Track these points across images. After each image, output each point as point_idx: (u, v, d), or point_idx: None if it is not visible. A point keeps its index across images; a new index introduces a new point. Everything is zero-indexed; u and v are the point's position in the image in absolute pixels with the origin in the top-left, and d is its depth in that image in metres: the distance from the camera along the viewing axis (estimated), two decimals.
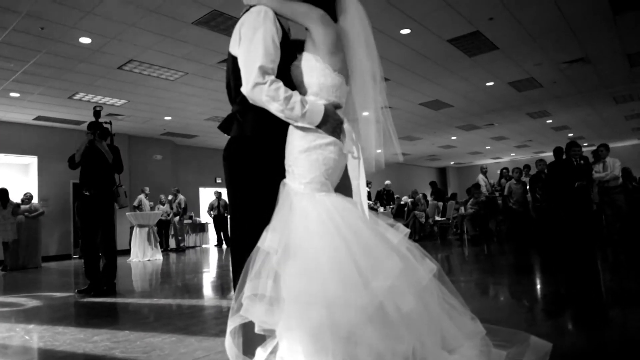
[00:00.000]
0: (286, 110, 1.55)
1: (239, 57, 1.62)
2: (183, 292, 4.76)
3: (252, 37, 1.58)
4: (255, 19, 1.60)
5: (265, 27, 1.58)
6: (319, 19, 1.62)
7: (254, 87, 1.53)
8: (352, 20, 1.76)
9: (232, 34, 1.72)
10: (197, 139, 13.73)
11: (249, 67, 1.55)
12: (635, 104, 12.38)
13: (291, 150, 1.65)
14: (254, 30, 1.59)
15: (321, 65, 1.64)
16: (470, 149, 19.68)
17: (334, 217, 1.54)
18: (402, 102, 10.88)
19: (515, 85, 10.02)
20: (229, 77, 1.76)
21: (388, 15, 6.26)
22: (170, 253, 11.31)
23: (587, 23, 6.84)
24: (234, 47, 1.67)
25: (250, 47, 1.57)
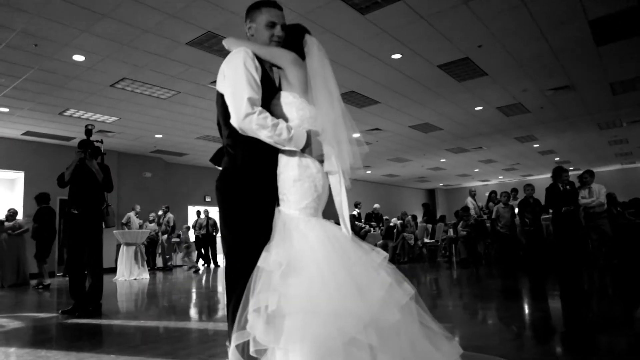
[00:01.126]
0: (274, 136, 1.70)
1: (226, 92, 1.76)
2: (170, 313, 4.69)
3: (235, 72, 1.74)
4: (237, 58, 1.78)
5: (247, 64, 1.74)
6: (292, 61, 1.86)
7: (244, 118, 1.66)
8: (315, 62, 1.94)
9: (218, 74, 1.86)
10: (187, 157, 13.70)
11: (238, 100, 1.68)
12: (618, 130, 12.67)
13: (285, 180, 1.81)
14: (236, 67, 1.75)
15: (298, 100, 1.85)
16: (459, 172, 19.89)
17: (330, 238, 1.72)
18: (393, 125, 11.02)
19: (504, 110, 10.21)
20: (218, 115, 1.88)
21: (380, 41, 6.39)
22: (157, 272, 11.16)
23: (571, 53, 7.04)
24: (220, 84, 1.82)
25: (235, 81, 1.72)
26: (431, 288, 6.29)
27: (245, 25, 2.01)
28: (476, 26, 6.05)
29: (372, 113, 9.96)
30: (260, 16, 1.91)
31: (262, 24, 1.91)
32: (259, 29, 1.92)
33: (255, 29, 1.93)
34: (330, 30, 6.01)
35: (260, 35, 1.92)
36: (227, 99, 1.76)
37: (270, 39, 1.91)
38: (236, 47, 1.88)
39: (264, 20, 1.90)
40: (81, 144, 5.01)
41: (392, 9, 5.51)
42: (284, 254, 1.63)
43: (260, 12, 1.92)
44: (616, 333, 3.11)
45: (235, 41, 1.94)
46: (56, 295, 6.95)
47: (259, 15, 1.92)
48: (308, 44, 1.99)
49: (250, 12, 1.96)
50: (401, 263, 9.80)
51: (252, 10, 1.96)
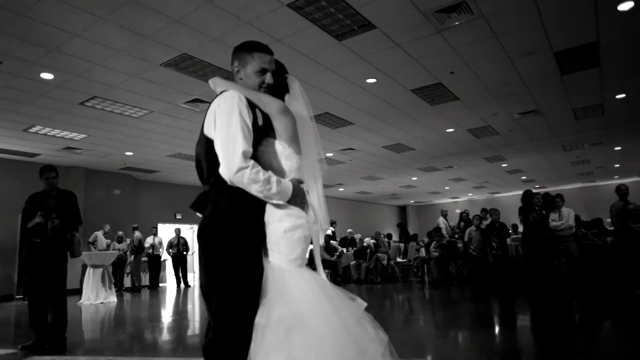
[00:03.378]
0: (265, 191, 1.67)
1: (217, 140, 1.69)
2: (139, 345, 4.53)
3: (229, 121, 1.68)
4: (231, 103, 1.71)
5: (240, 110, 1.69)
6: (280, 110, 1.83)
7: (237, 172, 1.61)
8: (300, 107, 2.00)
9: (206, 116, 1.79)
10: (158, 174, 13.43)
11: (231, 152, 1.63)
12: (580, 152, 13.21)
13: (274, 231, 1.76)
14: (229, 114, 1.69)
15: (287, 151, 1.84)
16: (430, 189, 20.23)
17: (323, 290, 1.70)
18: (366, 145, 11.14)
19: (474, 132, 10.49)
20: (199, 158, 1.81)
21: (355, 66, 6.48)
22: (124, 293, 10.80)
23: (538, 80, 7.33)
24: (209, 130, 1.74)
25: (229, 130, 1.66)
26: (404, 308, 6.32)
27: (232, 65, 1.96)
28: (449, 54, 6.22)
29: (346, 134, 10.05)
30: (252, 62, 1.87)
31: (252, 70, 1.87)
32: (249, 74, 1.87)
33: (244, 73, 1.88)
34: (305, 55, 6.05)
35: (250, 81, 1.88)
36: (217, 148, 1.68)
37: (260, 85, 1.88)
38: (223, 87, 1.85)
39: (256, 67, 1.86)
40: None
41: (367, 36, 5.60)
42: (285, 309, 1.59)
43: (251, 57, 1.87)
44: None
45: (222, 82, 1.90)
46: (14, 326, 6.59)
47: (250, 60, 1.87)
48: (292, 87, 2.00)
49: (240, 55, 1.91)
50: (374, 283, 9.81)
51: (242, 53, 1.90)
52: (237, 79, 1.91)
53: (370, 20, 5.26)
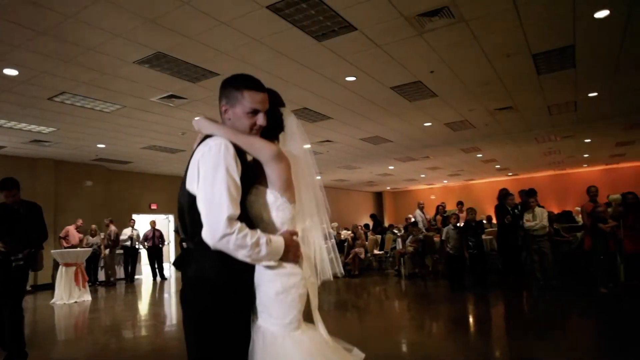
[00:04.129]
0: (253, 255, 1.51)
1: (200, 198, 1.52)
2: (115, 355, 4.44)
3: (213, 178, 1.50)
4: (216, 155, 1.52)
5: (227, 165, 1.51)
6: (274, 156, 1.62)
7: (221, 239, 1.46)
8: (297, 145, 1.81)
9: (189, 166, 1.61)
10: (132, 165, 13.10)
11: (215, 218, 1.46)
12: (553, 144, 13.54)
13: (266, 292, 1.61)
14: (214, 169, 1.51)
15: (280, 201, 1.65)
16: (406, 177, 20.43)
17: (320, 351, 1.58)
18: (344, 137, 11.11)
19: (451, 126, 10.58)
20: (182, 211, 1.64)
21: (335, 65, 6.39)
22: (99, 287, 10.60)
23: (516, 79, 7.41)
24: (192, 183, 1.56)
25: (213, 191, 1.49)
26: (382, 304, 6.42)
27: (220, 103, 1.73)
28: (429, 55, 6.20)
29: (324, 127, 9.98)
30: (242, 102, 1.64)
31: (242, 112, 1.64)
32: (239, 115, 1.65)
33: (233, 113, 1.65)
34: (284, 54, 5.93)
35: (239, 123, 1.65)
36: (200, 209, 1.51)
37: (251, 128, 1.66)
38: (208, 131, 1.64)
39: (246, 107, 1.64)
40: None
41: (348, 37, 5.52)
42: None
43: (241, 96, 1.64)
44: None
45: (208, 125, 1.66)
46: None
47: (240, 99, 1.64)
48: (287, 124, 1.80)
49: (228, 93, 1.67)
50: (352, 276, 9.91)
51: (230, 90, 1.67)
52: (225, 119, 1.68)
53: (351, 23, 5.17)
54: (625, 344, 3.99)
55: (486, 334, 4.87)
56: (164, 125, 8.87)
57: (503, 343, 4.47)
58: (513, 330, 4.93)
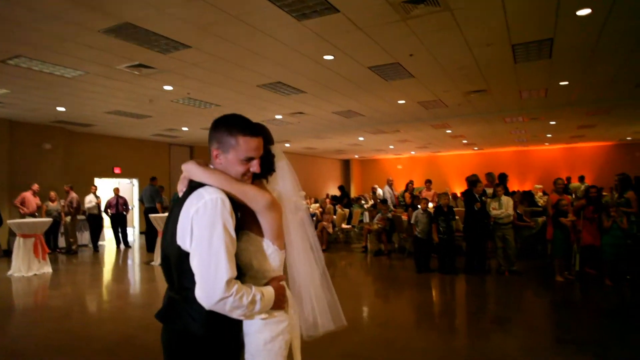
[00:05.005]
0: (247, 313, 1.48)
1: (195, 258, 1.45)
2: (81, 343, 4.34)
3: (210, 238, 1.43)
4: (212, 212, 1.45)
5: (224, 222, 1.45)
6: (267, 205, 1.57)
7: (218, 302, 1.41)
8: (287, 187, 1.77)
9: (179, 217, 1.50)
10: (94, 128, 12.50)
11: (212, 281, 1.40)
12: (520, 124, 13.87)
13: (253, 342, 1.59)
14: (211, 228, 1.43)
15: (271, 249, 1.63)
16: (375, 147, 20.55)
17: None
18: (317, 110, 10.95)
19: (424, 105, 10.60)
20: (168, 262, 1.56)
21: (313, 44, 6.17)
22: (59, 255, 10.29)
23: (492, 66, 7.42)
24: (184, 239, 1.48)
25: (210, 252, 1.42)
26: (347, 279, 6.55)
27: (210, 146, 1.63)
28: (411, 39, 6.08)
29: (297, 100, 9.78)
30: (236, 148, 1.56)
31: (236, 159, 1.57)
32: (232, 162, 1.57)
33: (225, 159, 1.58)
34: (261, 31, 5.66)
35: (232, 169, 1.58)
36: (195, 269, 1.45)
37: (245, 174, 1.60)
38: (200, 179, 1.55)
39: (240, 155, 1.56)
40: None
41: (329, 18, 5.31)
42: None
43: (235, 142, 1.55)
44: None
45: (199, 172, 1.57)
46: None
47: (233, 146, 1.56)
48: (278, 165, 1.74)
49: (221, 137, 1.58)
50: None
51: (223, 134, 1.57)
52: (216, 164, 1.61)
53: (334, 5, 4.96)
54: (575, 326, 4.27)
55: (447, 316, 5.07)
56: (130, 92, 8.43)
57: (463, 327, 4.66)
58: (474, 314, 5.16)
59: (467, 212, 6.95)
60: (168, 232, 1.56)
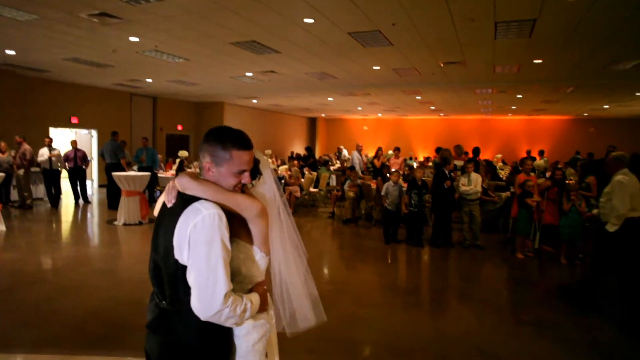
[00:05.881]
0: (239, 320, 1.57)
1: (193, 272, 1.48)
2: (46, 316, 4.20)
3: (208, 253, 1.47)
4: (210, 228, 1.49)
5: (221, 236, 1.50)
6: (258, 214, 1.64)
7: (215, 314, 1.47)
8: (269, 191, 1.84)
9: (174, 231, 1.52)
10: (50, 74, 11.63)
11: (210, 294, 1.46)
12: (489, 95, 14.07)
13: (243, 345, 1.67)
14: (209, 243, 1.48)
15: (259, 255, 1.70)
16: (343, 108, 20.40)
17: None
18: (289, 70, 10.62)
19: (398, 72, 10.49)
20: (159, 274, 1.60)
21: (295, 6, 5.87)
22: (12, 210, 9.78)
23: (472, 40, 7.37)
24: (180, 253, 1.50)
25: (208, 266, 1.47)
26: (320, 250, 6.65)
27: (202, 158, 1.64)
28: (395, 8, 5.90)
29: (271, 60, 9.42)
30: (229, 162, 1.59)
31: (229, 172, 1.60)
32: (225, 175, 1.61)
33: (217, 172, 1.61)
34: None
35: (224, 182, 1.62)
36: (192, 283, 1.48)
37: (236, 186, 1.64)
38: (196, 192, 1.56)
39: (233, 168, 1.60)
40: None
41: None
42: None
43: (229, 156, 1.59)
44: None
45: (193, 185, 1.58)
46: None
47: (227, 160, 1.59)
48: (264, 173, 1.79)
49: (214, 151, 1.60)
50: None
51: (216, 148, 1.60)
52: (208, 176, 1.63)
53: None
54: (535, 306, 4.56)
55: (416, 294, 5.26)
56: (91, 40, 7.83)
57: (426, 297, 4.87)
58: (443, 291, 5.38)
59: (436, 188, 7.05)
60: (160, 244, 1.58)
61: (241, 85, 13.36)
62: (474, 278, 6.00)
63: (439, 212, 7.07)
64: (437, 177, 7.09)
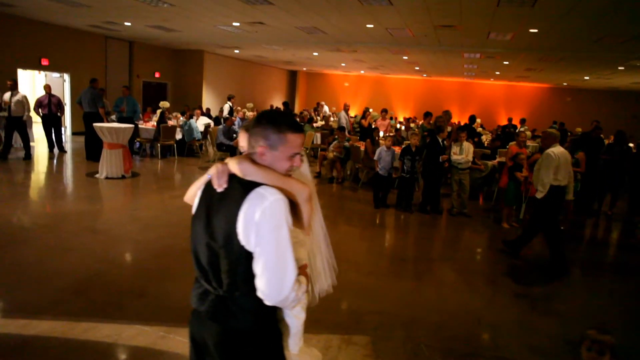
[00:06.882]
0: (298, 302, 1.59)
1: (260, 259, 1.47)
2: (40, 279, 4.07)
3: (277, 240, 1.47)
4: (278, 214, 1.48)
5: (287, 221, 1.50)
6: (308, 197, 1.64)
7: (284, 299, 1.49)
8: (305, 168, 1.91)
9: (238, 222, 1.48)
10: (15, 9, 10.74)
11: (281, 281, 1.47)
12: (476, 60, 14.00)
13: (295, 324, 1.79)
14: (277, 229, 1.47)
15: (302, 236, 1.76)
16: (326, 63, 19.95)
17: None
18: (279, 23, 10.19)
19: (391, 32, 10.24)
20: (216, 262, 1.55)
21: None
22: None
23: (474, 5, 7.20)
24: (247, 239, 1.48)
25: (278, 253, 1.47)
26: None
27: (255, 142, 1.57)
28: None
29: (261, 11, 8.98)
30: (285, 146, 1.57)
31: (284, 156, 1.58)
32: (279, 158, 1.58)
33: (272, 155, 1.58)
34: None
35: (279, 165, 1.59)
36: (261, 269, 1.47)
37: (289, 170, 1.62)
38: (257, 178, 1.52)
39: (288, 151, 1.57)
40: None
41: None
42: None
43: (285, 139, 1.56)
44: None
45: (254, 171, 1.54)
46: None
47: (283, 142, 1.56)
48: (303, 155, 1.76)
49: (268, 134, 1.56)
50: None
51: (271, 132, 1.56)
52: (262, 160, 1.58)
53: None
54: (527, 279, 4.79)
55: (413, 263, 5.40)
56: None
57: (421, 266, 5.00)
58: (432, 253, 5.54)
59: (429, 156, 7.07)
60: (218, 231, 1.53)
61: (225, 35, 12.77)
62: (464, 247, 6.19)
63: (430, 180, 7.14)
64: (430, 145, 7.09)
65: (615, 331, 3.94)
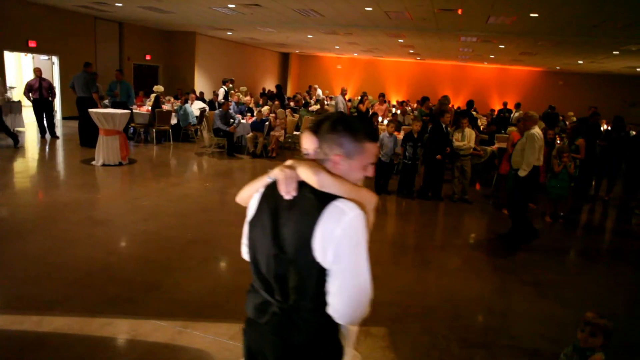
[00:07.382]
0: None
1: (338, 277, 1.38)
2: (47, 272, 3.99)
3: (357, 258, 1.38)
4: (358, 231, 1.38)
5: (365, 239, 1.41)
6: (375, 206, 1.59)
7: (359, 318, 1.42)
8: None
9: (316, 235, 1.37)
10: None
11: (359, 300, 1.39)
12: (471, 43, 13.92)
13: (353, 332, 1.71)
14: (357, 247, 1.38)
15: None
16: (320, 46, 19.73)
17: None
18: (275, 4, 10.00)
19: (390, 14, 10.12)
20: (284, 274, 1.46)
21: None
22: None
23: None
24: (324, 255, 1.38)
25: (358, 273, 1.39)
26: None
27: (329, 150, 1.45)
28: None
29: None
30: (362, 154, 1.47)
31: (360, 165, 1.48)
32: (354, 168, 1.48)
33: (348, 164, 1.47)
34: None
35: (353, 175, 1.49)
36: (339, 287, 1.39)
37: (360, 179, 1.53)
38: (334, 190, 1.43)
39: (365, 160, 1.48)
40: None
41: None
42: None
43: (363, 148, 1.46)
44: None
45: (331, 182, 1.44)
46: None
47: (360, 152, 1.46)
48: None
49: (344, 142, 1.44)
50: (270, 158, 9.87)
51: (348, 140, 1.44)
52: (336, 169, 1.48)
53: None
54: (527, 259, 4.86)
55: (418, 250, 5.42)
56: None
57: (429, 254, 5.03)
58: (438, 240, 5.57)
59: (432, 142, 7.05)
60: (288, 242, 1.43)
61: (219, 16, 12.50)
62: (468, 234, 6.23)
63: (431, 165, 7.12)
64: (433, 130, 7.06)
65: (623, 318, 4.07)
